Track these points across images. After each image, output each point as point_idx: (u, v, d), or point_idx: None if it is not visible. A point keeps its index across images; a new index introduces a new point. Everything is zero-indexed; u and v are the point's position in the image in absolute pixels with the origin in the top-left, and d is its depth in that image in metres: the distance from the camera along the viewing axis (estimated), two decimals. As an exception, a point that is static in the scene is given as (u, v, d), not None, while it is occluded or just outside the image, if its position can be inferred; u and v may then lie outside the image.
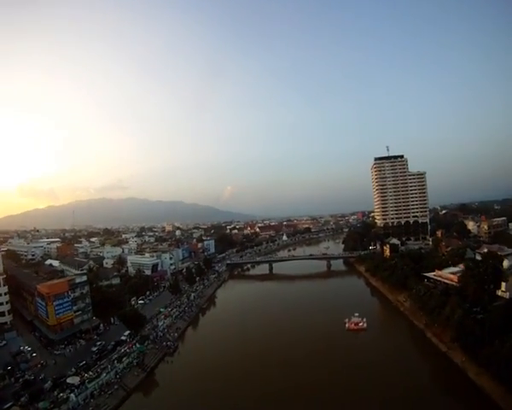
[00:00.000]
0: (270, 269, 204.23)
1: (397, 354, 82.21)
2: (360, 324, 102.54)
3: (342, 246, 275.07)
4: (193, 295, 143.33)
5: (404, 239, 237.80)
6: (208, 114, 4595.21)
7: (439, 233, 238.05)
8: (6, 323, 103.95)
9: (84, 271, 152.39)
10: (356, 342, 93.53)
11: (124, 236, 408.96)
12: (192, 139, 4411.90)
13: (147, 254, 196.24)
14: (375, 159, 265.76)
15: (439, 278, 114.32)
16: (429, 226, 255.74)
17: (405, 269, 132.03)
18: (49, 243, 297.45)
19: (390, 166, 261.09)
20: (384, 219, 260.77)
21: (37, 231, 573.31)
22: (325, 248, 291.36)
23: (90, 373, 75.44)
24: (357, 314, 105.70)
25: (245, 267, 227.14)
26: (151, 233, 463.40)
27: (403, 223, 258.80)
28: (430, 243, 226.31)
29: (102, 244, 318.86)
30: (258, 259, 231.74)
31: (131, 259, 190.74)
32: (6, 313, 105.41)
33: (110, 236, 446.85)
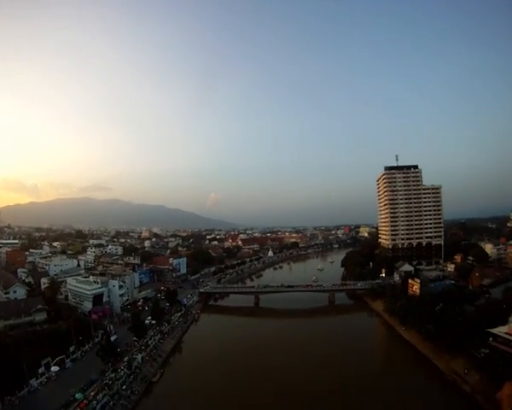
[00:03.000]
0: (257, 302, 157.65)
1: None
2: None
3: (339, 268, 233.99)
4: (140, 356, 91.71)
5: (414, 264, 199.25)
6: (197, 121, 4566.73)
7: (458, 258, 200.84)
8: None
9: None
10: None
11: (91, 241, 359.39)
12: (180, 144, 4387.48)
13: (91, 278, 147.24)
14: (386, 168, 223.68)
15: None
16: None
17: (464, 323, 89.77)
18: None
19: (402, 178, 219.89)
20: (393, 240, 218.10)
21: (9, 227, 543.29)
22: (319, 269, 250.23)
23: None
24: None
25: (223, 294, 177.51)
26: (123, 240, 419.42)
27: (414, 245, 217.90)
28: (445, 268, 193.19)
29: (62, 252, 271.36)
30: (238, 289, 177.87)
31: (71, 284, 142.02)
32: None
33: (82, 239, 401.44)
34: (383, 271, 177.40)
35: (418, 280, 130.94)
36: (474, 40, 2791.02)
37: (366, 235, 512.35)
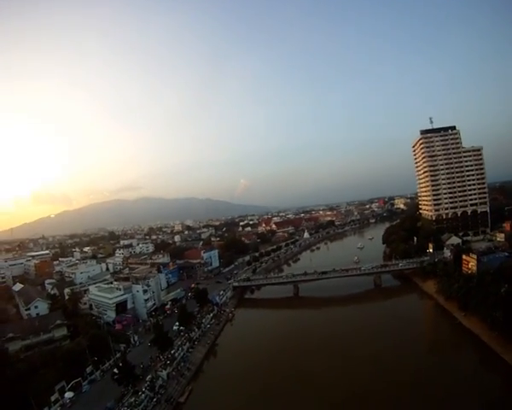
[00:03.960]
0: (296, 292, 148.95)
1: None
2: None
3: (379, 244, 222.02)
4: (165, 373, 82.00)
5: (461, 235, 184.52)
6: (215, 110, 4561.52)
7: (507, 226, 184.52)
8: None
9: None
10: None
11: (122, 242, 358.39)
12: (204, 136, 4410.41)
13: (114, 284, 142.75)
14: (422, 132, 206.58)
15: None
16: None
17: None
18: (28, 260, 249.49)
19: (441, 141, 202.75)
20: (436, 210, 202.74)
21: (44, 238, 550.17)
22: (359, 248, 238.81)
23: None
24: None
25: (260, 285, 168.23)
26: (154, 237, 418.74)
27: (459, 214, 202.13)
28: (494, 238, 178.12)
29: (93, 256, 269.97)
30: (274, 279, 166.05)
31: (93, 293, 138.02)
32: None
33: (114, 240, 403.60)
34: (430, 246, 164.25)
35: (474, 256, 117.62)
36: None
37: (402, 206, 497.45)
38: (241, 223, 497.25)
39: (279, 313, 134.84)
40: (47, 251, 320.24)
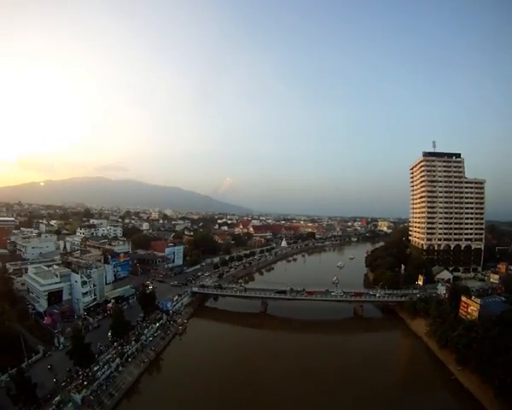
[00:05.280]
0: (264, 309, 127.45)
1: None
2: None
3: (361, 266, 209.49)
4: (79, 397, 62.15)
5: (451, 270, 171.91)
6: (214, 105, 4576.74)
7: (501, 267, 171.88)
8: None
9: None
10: None
11: (92, 221, 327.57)
12: (195, 128, 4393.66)
13: (55, 267, 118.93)
14: (424, 154, 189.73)
15: None
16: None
17: None
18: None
19: (443, 167, 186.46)
20: (429, 240, 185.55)
21: (19, 204, 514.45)
22: (338, 266, 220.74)
23: None
24: None
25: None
26: (127, 221, 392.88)
27: (452, 247, 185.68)
28: (486, 278, 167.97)
29: (57, 231, 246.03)
30: (240, 291, 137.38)
31: (30, 275, 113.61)
32: None
33: (89, 217, 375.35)
34: (420, 278, 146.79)
35: (477, 300, 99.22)
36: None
37: (385, 229, 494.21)
38: (220, 221, 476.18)
39: (241, 330, 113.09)
40: (12, 218, 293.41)
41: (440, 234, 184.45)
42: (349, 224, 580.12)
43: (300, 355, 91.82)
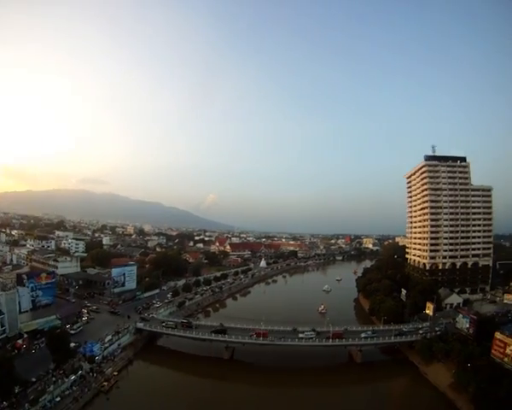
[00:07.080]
0: (231, 355, 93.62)
1: None
2: None
3: (350, 288, 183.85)
4: None
5: (456, 292, 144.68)
6: (198, 120, 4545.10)
7: None
8: None
9: None
10: None
11: (57, 233, 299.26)
12: (179, 142, 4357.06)
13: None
14: (426, 158, 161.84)
15: None
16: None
17: None
18: None
19: (448, 173, 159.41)
20: (432, 258, 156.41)
21: None
22: (325, 291, 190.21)
23: None
24: None
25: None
26: (102, 235, 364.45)
27: (457, 265, 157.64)
28: (497, 298, 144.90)
29: (13, 242, 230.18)
30: (196, 332, 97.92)
31: None
32: None
33: (59, 228, 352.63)
34: (429, 306, 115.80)
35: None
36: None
37: (371, 246, 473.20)
38: (197, 237, 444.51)
39: (198, 383, 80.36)
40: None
41: (445, 251, 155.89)
42: (332, 241, 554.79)
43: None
